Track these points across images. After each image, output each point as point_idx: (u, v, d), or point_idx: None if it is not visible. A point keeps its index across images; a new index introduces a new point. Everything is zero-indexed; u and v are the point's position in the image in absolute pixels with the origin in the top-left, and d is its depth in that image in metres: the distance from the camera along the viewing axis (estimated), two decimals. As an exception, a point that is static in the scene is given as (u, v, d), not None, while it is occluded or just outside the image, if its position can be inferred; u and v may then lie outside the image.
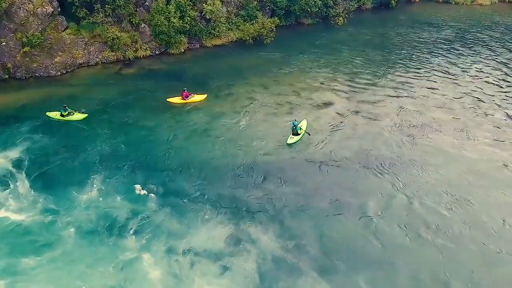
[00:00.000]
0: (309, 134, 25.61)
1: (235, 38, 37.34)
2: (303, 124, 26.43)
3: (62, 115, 26.11)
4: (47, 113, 26.44)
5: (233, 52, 36.27)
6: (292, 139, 25.14)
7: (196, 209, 20.09)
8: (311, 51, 37.17)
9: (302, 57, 35.91)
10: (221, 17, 36.58)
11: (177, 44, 34.58)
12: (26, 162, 22.70)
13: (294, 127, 25.29)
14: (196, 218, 19.58)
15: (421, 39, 40.71)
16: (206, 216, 19.75)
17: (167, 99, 28.88)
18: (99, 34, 32.73)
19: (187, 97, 28.68)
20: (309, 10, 40.01)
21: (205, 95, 29.51)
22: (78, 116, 26.34)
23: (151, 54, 34.51)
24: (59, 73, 31.20)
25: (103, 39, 32.64)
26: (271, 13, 40.29)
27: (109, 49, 32.78)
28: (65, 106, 26.13)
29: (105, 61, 32.92)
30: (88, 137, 25.00)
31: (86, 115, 26.54)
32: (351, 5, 43.93)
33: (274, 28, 37.40)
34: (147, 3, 34.66)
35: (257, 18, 37.71)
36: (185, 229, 19.01)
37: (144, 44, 34.26)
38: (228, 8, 38.21)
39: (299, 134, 25.38)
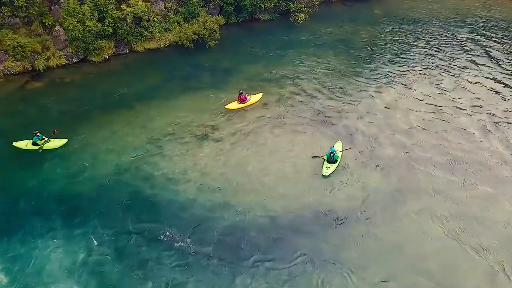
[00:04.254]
0: (349, 148, 21.95)
1: (169, 41, 31.78)
2: (338, 147, 22.02)
3: (35, 144, 21.74)
4: (14, 144, 21.86)
5: (167, 59, 30.80)
6: (329, 169, 20.74)
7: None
8: (262, 57, 31.65)
9: (251, 66, 30.40)
10: (155, 16, 31.04)
11: (98, 50, 29.23)
12: None
13: (331, 154, 20.86)
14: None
15: (399, 40, 34.89)
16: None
17: (225, 106, 25.51)
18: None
19: (244, 100, 25.46)
20: (262, 5, 34.22)
21: (261, 94, 26.48)
22: (56, 142, 22.16)
23: (67, 62, 29.09)
24: None
25: (3, 46, 27.34)
26: (219, 9, 34.61)
27: (13, 58, 27.55)
28: (37, 133, 21.66)
29: (8, 72, 27.57)
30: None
31: (66, 140, 22.35)
32: (317, -4, 37.95)
33: (218, 29, 31.76)
34: (62, 0, 29.10)
35: (199, 16, 32.11)
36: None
37: (59, 51, 28.84)
38: (166, 4, 32.54)
39: (336, 162, 20.98)
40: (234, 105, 25.55)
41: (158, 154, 22.15)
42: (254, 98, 26.04)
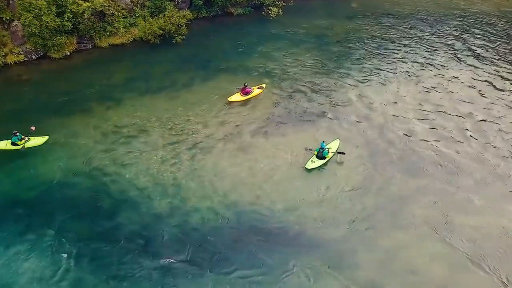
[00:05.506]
0: (343, 153, 20.81)
1: (134, 37, 30.61)
2: (334, 146, 21.27)
3: (15, 144, 21.14)
4: None
5: (131, 55, 29.70)
6: (313, 164, 20.18)
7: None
8: (232, 53, 30.79)
9: (219, 63, 29.37)
10: (119, 10, 29.86)
11: (58, 46, 28.10)
12: None
13: (321, 150, 20.19)
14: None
15: (377, 35, 33.81)
16: None
17: (227, 99, 25.32)
18: (-48, 36, 26.34)
19: (248, 93, 25.53)
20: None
21: (264, 85, 26.65)
22: (37, 140, 21.61)
23: (26, 59, 27.94)
24: None
25: (-45, 43, 26.31)
26: (189, 2, 33.45)
27: (-33, 55, 26.54)
28: (16, 133, 21.08)
29: (-38, 70, 26.75)
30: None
31: (47, 137, 21.81)
32: (292, -11, 36.74)
33: (185, 24, 30.64)
34: (21, -6, 27.93)
35: (166, 10, 30.93)
36: None
37: (17, 47, 27.73)
38: (133, -3, 31.40)
39: (325, 159, 20.33)
40: (237, 97, 25.37)
41: (110, 157, 21.36)
42: (257, 90, 26.02)
